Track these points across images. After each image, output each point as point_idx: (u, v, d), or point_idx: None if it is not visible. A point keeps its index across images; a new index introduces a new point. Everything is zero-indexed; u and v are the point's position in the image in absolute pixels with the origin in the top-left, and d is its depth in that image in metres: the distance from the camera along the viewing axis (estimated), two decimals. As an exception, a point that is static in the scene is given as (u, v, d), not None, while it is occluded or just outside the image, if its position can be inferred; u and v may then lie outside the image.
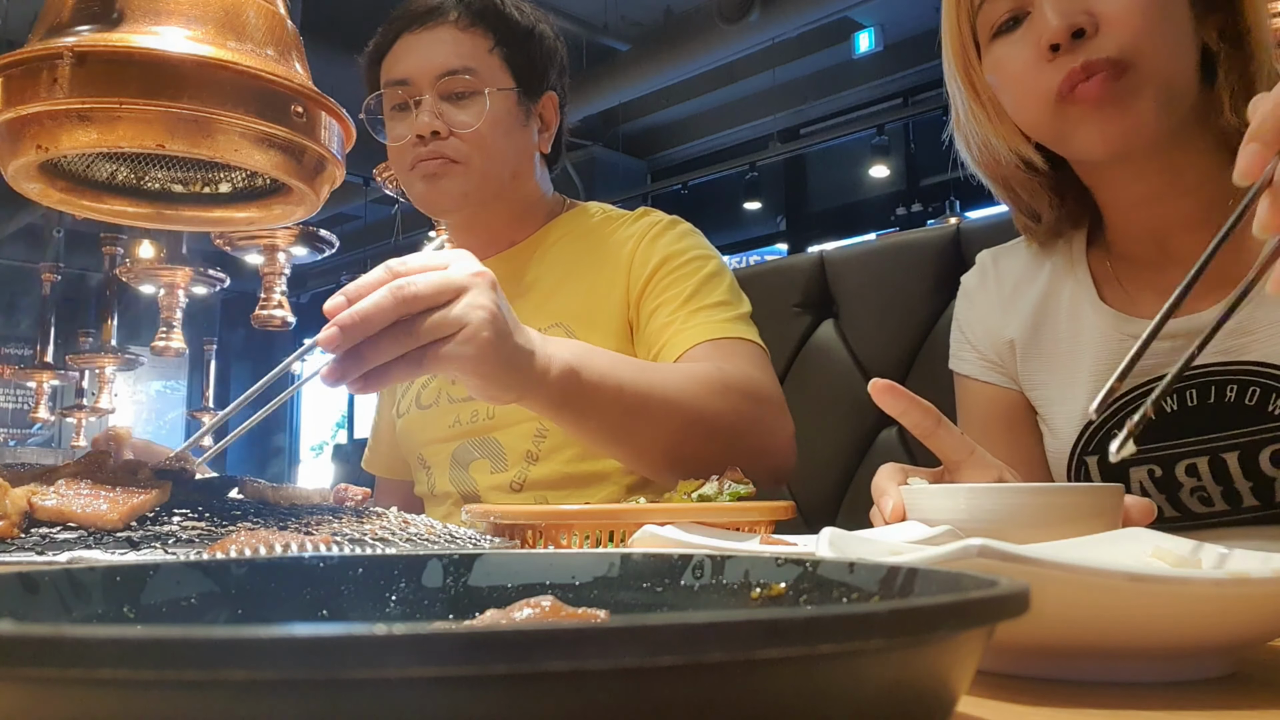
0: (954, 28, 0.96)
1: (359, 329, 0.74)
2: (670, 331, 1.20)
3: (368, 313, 0.75)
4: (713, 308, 1.21)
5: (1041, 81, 0.87)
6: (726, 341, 1.17)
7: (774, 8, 5.58)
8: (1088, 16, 0.84)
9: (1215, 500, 0.90)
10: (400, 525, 0.71)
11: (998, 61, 0.92)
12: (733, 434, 1.07)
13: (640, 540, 0.70)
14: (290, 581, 0.37)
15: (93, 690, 0.18)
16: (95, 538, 0.58)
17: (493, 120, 1.27)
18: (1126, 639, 0.41)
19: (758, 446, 1.10)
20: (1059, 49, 0.85)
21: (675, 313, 1.21)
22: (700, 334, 1.18)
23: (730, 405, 1.07)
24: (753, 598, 0.35)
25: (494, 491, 1.28)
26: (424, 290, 0.77)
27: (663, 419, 1.02)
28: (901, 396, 0.78)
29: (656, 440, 1.03)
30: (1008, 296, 1.06)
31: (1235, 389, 0.87)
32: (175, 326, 3.65)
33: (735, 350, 1.17)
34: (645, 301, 1.24)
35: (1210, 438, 0.89)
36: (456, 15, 1.28)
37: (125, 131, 0.68)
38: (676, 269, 1.24)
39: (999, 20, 0.91)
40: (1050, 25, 0.85)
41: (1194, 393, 0.90)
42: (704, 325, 1.19)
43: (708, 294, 1.22)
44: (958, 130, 1.02)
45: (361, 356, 0.76)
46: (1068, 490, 0.74)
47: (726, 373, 1.11)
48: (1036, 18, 0.88)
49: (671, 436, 1.03)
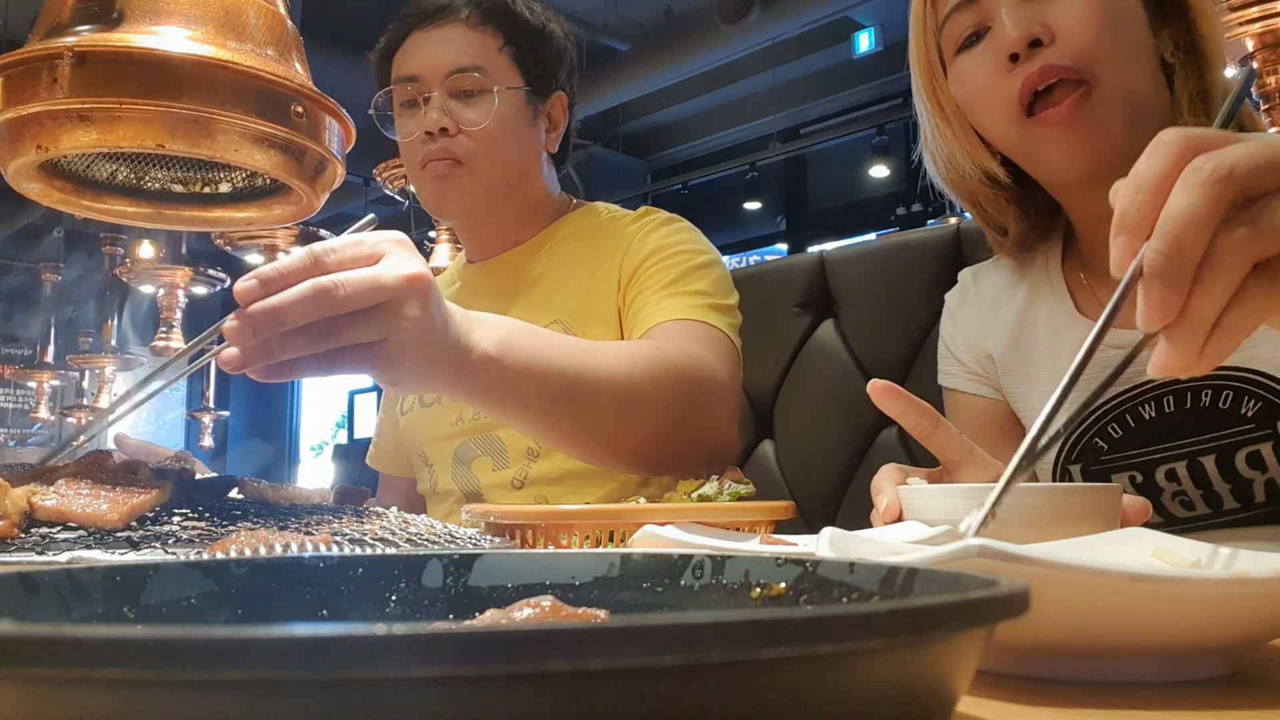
0: (920, 45, 1.00)
1: (270, 324, 0.66)
2: (643, 315, 1.19)
3: (282, 309, 0.66)
4: (690, 294, 1.20)
5: (1002, 90, 0.90)
6: (689, 323, 1.16)
7: (774, 8, 5.58)
8: (1044, 27, 0.88)
9: (1196, 504, 0.92)
10: (400, 525, 0.71)
11: (961, 75, 0.95)
12: (669, 413, 1.05)
13: (640, 540, 0.70)
14: (290, 581, 0.37)
15: (93, 690, 0.18)
16: (95, 538, 0.58)
17: (501, 119, 1.27)
18: (1126, 639, 0.41)
19: (695, 428, 1.08)
20: (1018, 59, 0.89)
21: (651, 296, 1.21)
22: (665, 314, 1.17)
23: (663, 382, 1.04)
24: (753, 598, 0.35)
25: (496, 489, 1.28)
26: (351, 293, 0.68)
27: (592, 403, 0.97)
28: (900, 397, 0.79)
29: (589, 426, 1.00)
30: (987, 312, 1.09)
31: (1209, 394, 0.90)
32: (175, 326, 3.65)
33: (693, 332, 1.16)
34: (632, 288, 1.25)
35: (1187, 442, 0.91)
36: (467, 13, 1.28)
37: (125, 131, 0.68)
38: (665, 258, 1.24)
39: (962, 36, 0.95)
40: (1009, 35, 0.88)
41: (1170, 400, 0.92)
42: (672, 307, 1.18)
43: (690, 282, 1.21)
44: (925, 148, 1.05)
45: (268, 350, 0.67)
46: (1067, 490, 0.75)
47: (666, 350, 1.07)
48: (996, 30, 0.91)
49: (604, 419, 1.00)
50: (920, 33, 0.99)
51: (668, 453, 0.91)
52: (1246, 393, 0.87)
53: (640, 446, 1.05)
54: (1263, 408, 0.87)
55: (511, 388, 0.89)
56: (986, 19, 0.92)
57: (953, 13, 0.95)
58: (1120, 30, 0.89)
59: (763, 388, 1.62)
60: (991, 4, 0.91)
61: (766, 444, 1.64)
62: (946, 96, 0.99)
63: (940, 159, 1.02)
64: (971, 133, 0.98)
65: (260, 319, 0.65)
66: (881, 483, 0.78)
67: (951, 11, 0.95)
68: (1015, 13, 0.89)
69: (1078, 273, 1.02)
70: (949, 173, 1.02)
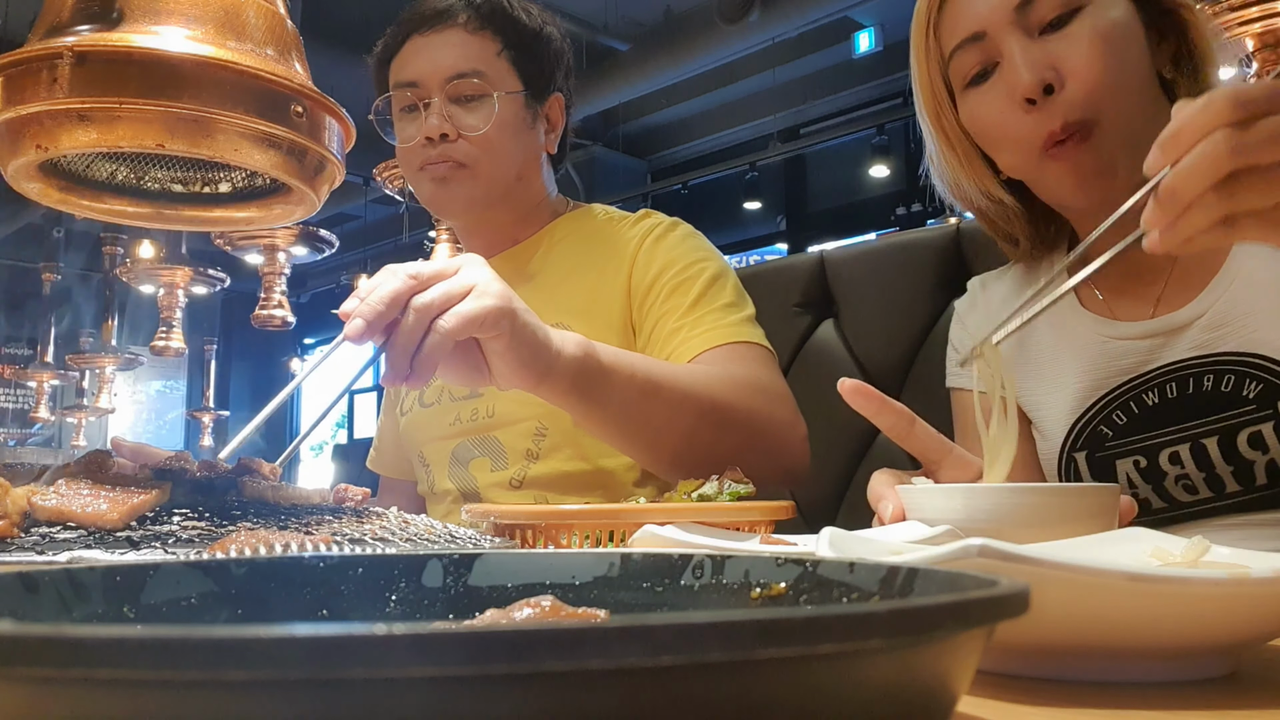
0: (924, 77, 1.01)
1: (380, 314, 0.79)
2: (678, 339, 1.20)
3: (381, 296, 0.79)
4: (719, 310, 1.21)
5: (1023, 130, 0.92)
6: (735, 346, 1.18)
7: (774, 8, 5.58)
8: (1054, 72, 0.89)
9: (1199, 488, 0.93)
10: (400, 525, 0.71)
11: (973, 112, 0.97)
12: (747, 429, 1.07)
13: (640, 540, 0.70)
14: (290, 581, 0.37)
15: (93, 690, 0.18)
16: (95, 538, 0.58)
17: (501, 123, 1.27)
18: (1126, 639, 0.41)
19: (772, 445, 1.10)
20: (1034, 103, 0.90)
21: (682, 319, 1.21)
22: (709, 339, 1.18)
23: (743, 400, 1.08)
24: (753, 598, 0.35)
25: (494, 489, 1.28)
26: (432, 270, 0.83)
27: (677, 406, 1.02)
28: (873, 398, 0.81)
29: (672, 427, 1.04)
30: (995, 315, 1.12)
31: (1211, 378, 0.91)
32: (175, 326, 3.66)
33: (744, 354, 1.18)
34: (651, 308, 1.25)
35: (1190, 425, 0.92)
36: (465, 18, 1.28)
37: (125, 131, 0.68)
38: (680, 273, 1.24)
39: (970, 72, 0.96)
40: (1023, 80, 0.90)
41: (1173, 386, 0.94)
42: (712, 330, 1.19)
43: (714, 298, 1.22)
44: (931, 166, 1.06)
45: (396, 347, 0.80)
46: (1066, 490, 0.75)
47: (734, 373, 1.11)
48: (1007, 70, 0.92)
49: (686, 424, 1.03)
50: (924, 62, 1.01)
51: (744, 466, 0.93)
52: (1248, 375, 0.89)
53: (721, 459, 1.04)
54: (1264, 389, 0.88)
55: (605, 383, 0.97)
56: (993, 55, 0.94)
57: (959, 49, 0.96)
58: (1125, 63, 0.90)
59: (763, 388, 1.62)
60: (999, 42, 0.92)
61: (766, 444, 1.64)
62: (952, 125, 1.00)
63: (946, 180, 1.05)
64: (977, 161, 1.01)
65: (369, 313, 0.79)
66: (880, 489, 0.79)
67: (957, 48, 0.96)
68: (1026, 55, 0.90)
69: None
70: (955, 192, 1.05)
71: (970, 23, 0.94)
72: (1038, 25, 0.91)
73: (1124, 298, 1.00)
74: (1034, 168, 0.94)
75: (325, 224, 6.28)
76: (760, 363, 1.18)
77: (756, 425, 1.09)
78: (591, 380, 0.95)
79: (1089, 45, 0.89)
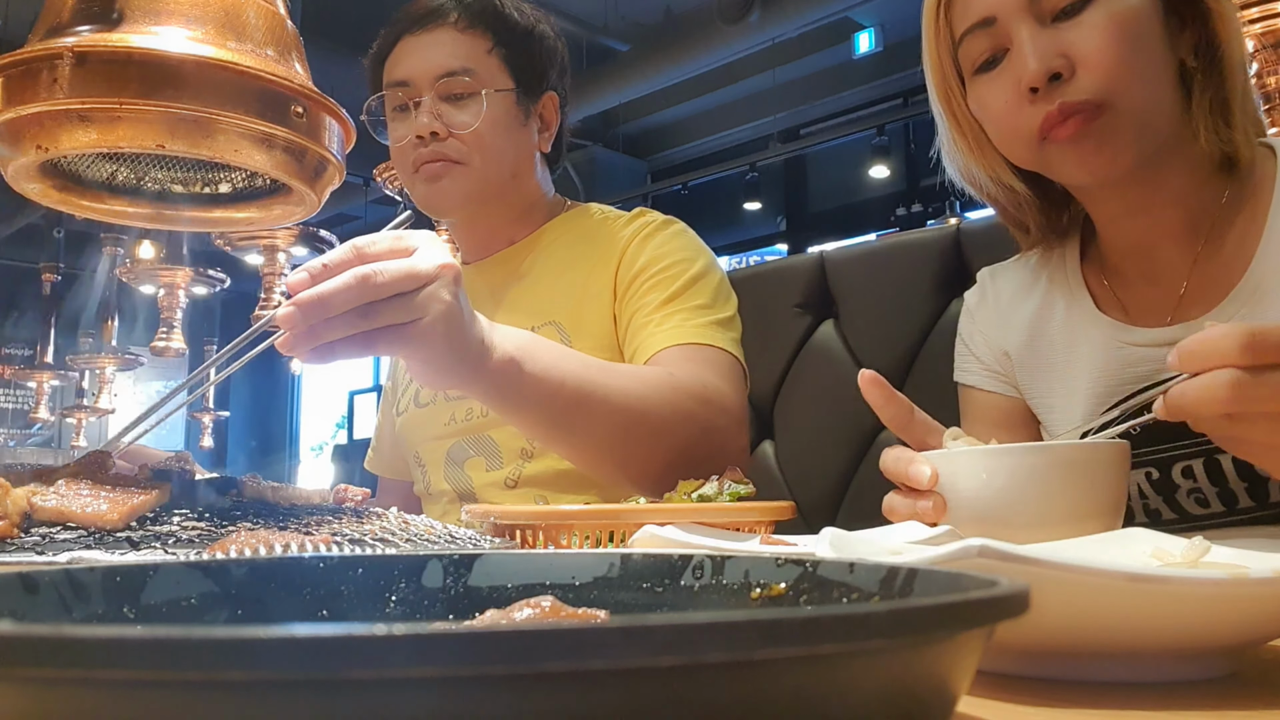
0: (935, 61, 0.99)
1: (318, 310, 0.73)
2: (644, 334, 1.20)
3: (329, 296, 0.73)
4: (690, 310, 1.20)
5: (1023, 121, 0.90)
6: (695, 347, 1.17)
7: (774, 8, 5.58)
8: (1064, 60, 0.87)
9: (1211, 501, 0.92)
10: (400, 525, 0.71)
11: (980, 99, 0.95)
12: (681, 438, 1.06)
13: (640, 540, 0.70)
14: (290, 581, 0.37)
15: (93, 690, 0.18)
16: (95, 538, 0.58)
17: (491, 120, 1.27)
18: (1126, 639, 0.41)
19: (705, 454, 1.07)
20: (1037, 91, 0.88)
21: (652, 314, 1.21)
22: (670, 338, 1.17)
23: (676, 408, 1.06)
24: (753, 598, 0.35)
25: (489, 488, 1.28)
26: (390, 279, 0.76)
27: (603, 416, 1.01)
28: (886, 390, 0.81)
29: (596, 437, 1.03)
30: (1005, 310, 1.10)
31: None
32: (175, 326, 3.65)
33: (703, 356, 1.16)
34: (629, 300, 1.25)
35: (1204, 439, 0.90)
36: (456, 17, 1.29)
37: (125, 131, 0.68)
38: (663, 270, 1.24)
39: (980, 58, 0.94)
40: (1029, 69, 0.87)
41: None
42: (676, 329, 1.18)
43: (690, 297, 1.22)
44: (943, 152, 1.05)
45: (315, 333, 0.74)
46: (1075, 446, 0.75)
47: (677, 377, 1.10)
48: (1015, 57, 0.90)
49: (612, 435, 1.02)
50: (934, 46, 0.99)
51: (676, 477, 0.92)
52: None
53: (647, 468, 1.05)
54: None
55: (527, 390, 0.94)
56: (1004, 41, 0.91)
57: (968, 34, 0.94)
58: (1139, 53, 0.88)
59: (763, 388, 1.62)
60: (1009, 27, 0.90)
61: (766, 444, 1.65)
62: (963, 111, 0.98)
63: (958, 167, 1.03)
64: (988, 147, 0.99)
65: (309, 306, 0.73)
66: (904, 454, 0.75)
67: (967, 33, 0.94)
68: (1035, 42, 0.88)
69: (1097, 273, 1.03)
70: (967, 179, 1.03)
71: (981, 7, 0.92)
72: (1051, 12, 0.88)
73: (1141, 303, 0.98)
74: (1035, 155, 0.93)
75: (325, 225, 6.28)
76: (714, 367, 1.16)
77: (691, 434, 1.07)
78: (511, 390, 0.93)
79: (1103, 34, 0.86)
